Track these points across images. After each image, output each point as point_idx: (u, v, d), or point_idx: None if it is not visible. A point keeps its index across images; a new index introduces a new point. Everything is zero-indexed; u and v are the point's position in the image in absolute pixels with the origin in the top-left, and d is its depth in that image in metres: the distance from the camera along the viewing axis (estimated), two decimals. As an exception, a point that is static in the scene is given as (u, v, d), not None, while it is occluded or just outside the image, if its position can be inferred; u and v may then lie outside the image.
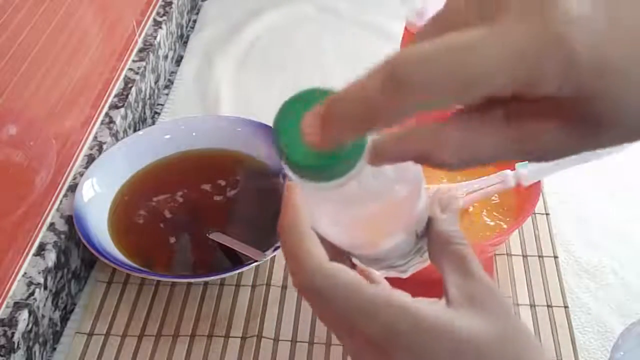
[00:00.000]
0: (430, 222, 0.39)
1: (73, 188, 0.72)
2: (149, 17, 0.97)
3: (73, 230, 0.68)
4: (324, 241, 0.37)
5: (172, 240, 0.71)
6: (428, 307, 0.34)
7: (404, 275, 0.43)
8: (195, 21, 1.10)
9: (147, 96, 0.91)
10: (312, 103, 0.30)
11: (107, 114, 0.82)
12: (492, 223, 0.67)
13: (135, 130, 0.87)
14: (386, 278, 0.43)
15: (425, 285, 0.44)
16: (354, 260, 0.40)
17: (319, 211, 0.36)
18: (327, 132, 0.28)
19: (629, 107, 0.26)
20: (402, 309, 0.33)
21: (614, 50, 0.25)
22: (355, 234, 0.37)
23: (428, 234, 0.39)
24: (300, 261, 0.35)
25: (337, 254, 0.38)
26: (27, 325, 0.60)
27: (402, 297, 0.34)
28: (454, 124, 0.28)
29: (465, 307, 0.35)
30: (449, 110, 0.29)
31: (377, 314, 0.33)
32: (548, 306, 0.68)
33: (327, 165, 0.29)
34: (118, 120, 0.81)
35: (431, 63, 0.25)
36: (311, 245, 0.35)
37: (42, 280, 0.63)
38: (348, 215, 0.35)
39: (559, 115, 0.27)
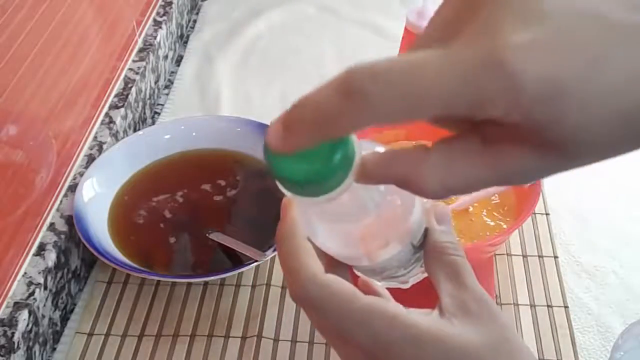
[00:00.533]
0: (426, 232, 0.40)
1: (73, 188, 0.72)
2: (149, 17, 0.97)
3: (73, 230, 0.68)
4: (321, 253, 0.37)
5: (172, 240, 0.72)
6: (421, 317, 0.35)
7: (405, 286, 0.43)
8: (195, 21, 1.10)
9: (147, 96, 0.91)
10: None
11: (107, 114, 0.82)
12: (492, 223, 0.67)
13: (135, 130, 0.87)
14: (387, 288, 0.43)
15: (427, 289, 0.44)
16: (356, 271, 0.41)
17: (315, 224, 0.36)
18: (287, 137, 0.28)
19: (590, 127, 0.25)
20: (395, 319, 0.34)
21: (563, 72, 0.24)
22: (351, 246, 0.37)
23: (424, 245, 0.40)
24: (295, 272, 0.36)
25: (336, 265, 0.38)
26: (27, 325, 0.60)
27: (396, 307, 0.35)
28: (436, 150, 0.29)
29: (457, 317, 0.36)
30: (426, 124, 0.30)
31: (370, 324, 0.34)
32: (548, 306, 0.68)
33: (315, 180, 0.30)
34: (118, 120, 0.81)
35: (382, 77, 0.25)
36: (306, 257, 0.36)
37: (42, 280, 0.63)
38: (342, 228, 0.35)
39: (528, 140, 0.27)
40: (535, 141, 0.27)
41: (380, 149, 0.35)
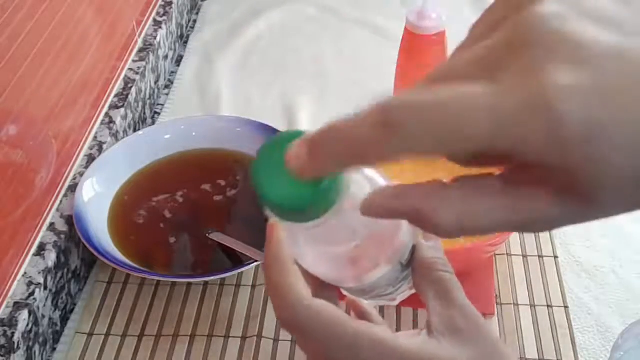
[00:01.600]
0: (414, 249, 0.40)
1: (73, 188, 0.72)
2: (149, 17, 0.97)
3: (73, 230, 0.68)
4: (308, 275, 0.37)
5: (172, 240, 0.72)
6: (408, 340, 0.35)
7: (394, 303, 0.43)
8: (195, 21, 1.10)
9: (147, 96, 0.91)
10: (288, 145, 0.30)
11: (107, 114, 0.82)
12: (492, 223, 0.67)
13: (135, 130, 0.87)
14: None
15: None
16: (343, 291, 0.41)
17: (302, 247, 0.36)
18: (314, 161, 0.28)
19: (619, 175, 0.25)
20: (382, 344, 0.34)
21: (601, 114, 0.24)
22: (339, 269, 0.37)
23: (412, 262, 0.40)
24: (282, 296, 0.36)
25: (324, 287, 0.38)
26: (27, 325, 0.60)
27: (384, 332, 0.35)
28: (455, 187, 0.28)
29: (445, 336, 0.36)
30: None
31: (359, 349, 0.34)
32: (548, 306, 0.68)
33: (303, 207, 0.30)
34: (118, 120, 0.81)
35: (424, 112, 0.25)
36: (294, 281, 0.36)
37: (42, 280, 0.63)
38: (330, 252, 0.36)
39: (552, 184, 0.26)
40: (562, 186, 0.26)
41: (380, 177, 0.35)
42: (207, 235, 0.71)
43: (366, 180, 0.34)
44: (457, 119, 0.25)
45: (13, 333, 0.58)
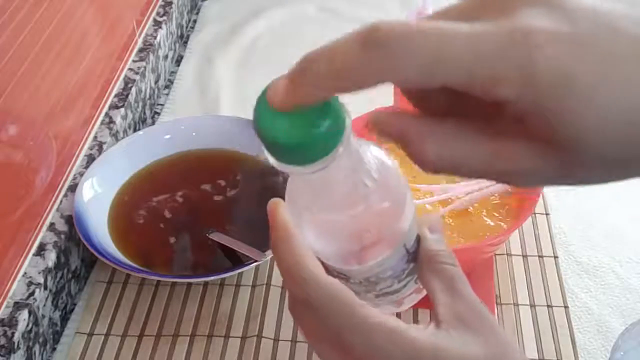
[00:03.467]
0: (419, 241, 0.39)
1: (73, 188, 0.72)
2: (149, 17, 0.97)
3: (73, 230, 0.68)
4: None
5: (172, 240, 0.72)
6: (419, 332, 0.35)
7: (401, 308, 0.43)
8: (195, 21, 1.10)
9: (147, 96, 0.91)
10: None
11: (107, 114, 0.82)
12: (492, 223, 0.67)
13: (135, 130, 0.87)
14: None
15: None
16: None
17: (303, 225, 0.36)
18: (294, 90, 0.28)
19: (596, 132, 0.26)
20: (396, 333, 0.34)
21: (578, 67, 0.25)
22: (340, 242, 0.36)
23: (418, 254, 0.39)
24: (294, 272, 0.35)
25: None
26: (27, 325, 0.60)
27: (397, 322, 0.34)
28: (448, 122, 0.29)
29: (454, 328, 0.35)
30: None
31: (371, 336, 0.34)
32: (548, 306, 0.68)
33: (305, 144, 0.30)
34: (118, 120, 0.81)
35: (409, 37, 0.26)
36: (306, 257, 0.35)
37: (42, 280, 0.63)
38: (331, 220, 0.35)
39: (533, 135, 0.27)
40: (542, 136, 0.27)
41: (376, 148, 0.35)
42: (207, 235, 0.71)
43: (369, 152, 0.34)
44: (440, 45, 0.26)
45: (13, 333, 0.58)
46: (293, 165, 0.31)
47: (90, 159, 0.75)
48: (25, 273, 0.63)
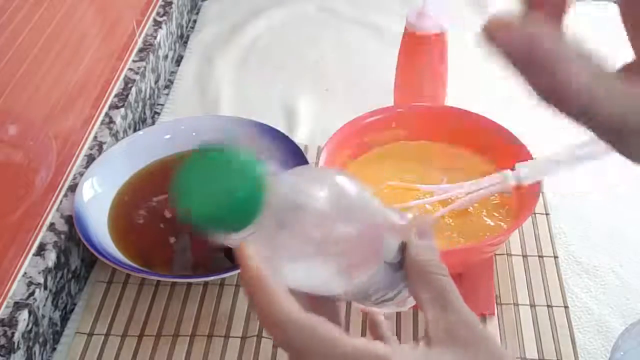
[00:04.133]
0: (406, 248, 0.38)
1: (73, 188, 0.72)
2: (149, 17, 0.97)
3: (73, 230, 0.68)
4: (299, 294, 0.36)
5: (172, 240, 0.71)
6: (411, 353, 0.35)
7: (404, 308, 0.43)
8: (195, 21, 1.10)
9: (147, 96, 0.91)
10: (206, 161, 0.33)
11: (107, 114, 0.82)
12: (492, 223, 0.67)
13: (135, 130, 0.87)
14: None
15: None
16: (353, 302, 0.40)
17: (283, 268, 0.36)
18: None
19: None
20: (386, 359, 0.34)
21: None
22: (317, 274, 0.36)
23: (405, 262, 0.39)
24: (271, 315, 0.34)
25: (320, 303, 0.37)
26: (27, 325, 0.60)
27: (383, 347, 0.34)
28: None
29: (444, 343, 0.35)
30: None
31: None
32: (548, 306, 0.68)
33: (221, 220, 0.32)
34: (118, 120, 0.81)
35: None
36: (280, 297, 0.34)
37: (42, 280, 0.63)
38: (300, 259, 0.35)
39: None
40: None
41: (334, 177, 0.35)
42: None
43: (317, 188, 0.34)
44: None
45: (13, 333, 0.58)
46: (235, 233, 0.33)
47: (90, 159, 0.75)
48: (25, 273, 0.63)
